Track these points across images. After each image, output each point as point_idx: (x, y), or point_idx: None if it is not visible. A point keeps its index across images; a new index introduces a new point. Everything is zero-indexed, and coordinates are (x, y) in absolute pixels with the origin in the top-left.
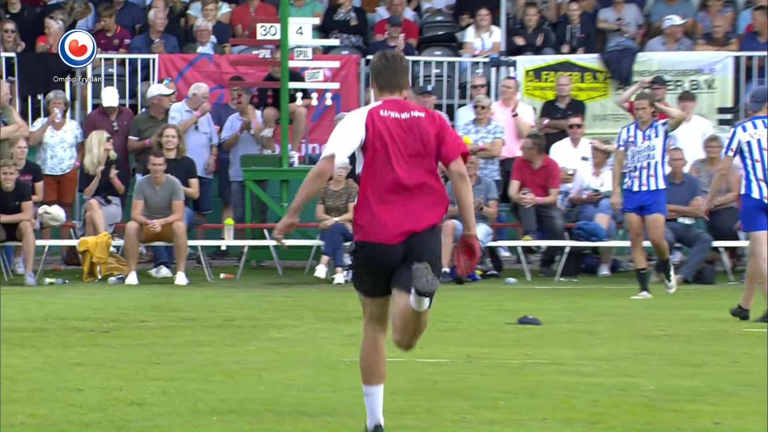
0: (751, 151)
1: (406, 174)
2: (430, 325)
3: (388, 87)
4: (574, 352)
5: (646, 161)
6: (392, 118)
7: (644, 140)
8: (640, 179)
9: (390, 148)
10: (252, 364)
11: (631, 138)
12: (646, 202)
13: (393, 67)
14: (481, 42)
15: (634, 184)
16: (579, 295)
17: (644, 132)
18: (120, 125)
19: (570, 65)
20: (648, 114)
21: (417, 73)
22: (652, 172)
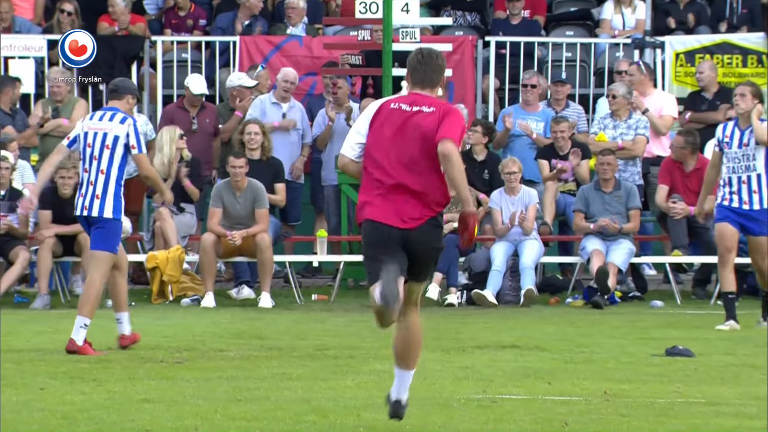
0: None
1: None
2: (560, 357)
3: (421, 83)
4: (734, 390)
5: (745, 173)
6: (399, 110)
7: (742, 144)
8: (740, 195)
9: (383, 143)
10: (349, 401)
11: (727, 138)
12: (746, 222)
13: (428, 64)
14: (622, 20)
15: (734, 200)
16: (740, 321)
17: (743, 132)
18: (201, 123)
19: (729, 46)
20: (749, 105)
21: (545, 58)
22: (755, 187)
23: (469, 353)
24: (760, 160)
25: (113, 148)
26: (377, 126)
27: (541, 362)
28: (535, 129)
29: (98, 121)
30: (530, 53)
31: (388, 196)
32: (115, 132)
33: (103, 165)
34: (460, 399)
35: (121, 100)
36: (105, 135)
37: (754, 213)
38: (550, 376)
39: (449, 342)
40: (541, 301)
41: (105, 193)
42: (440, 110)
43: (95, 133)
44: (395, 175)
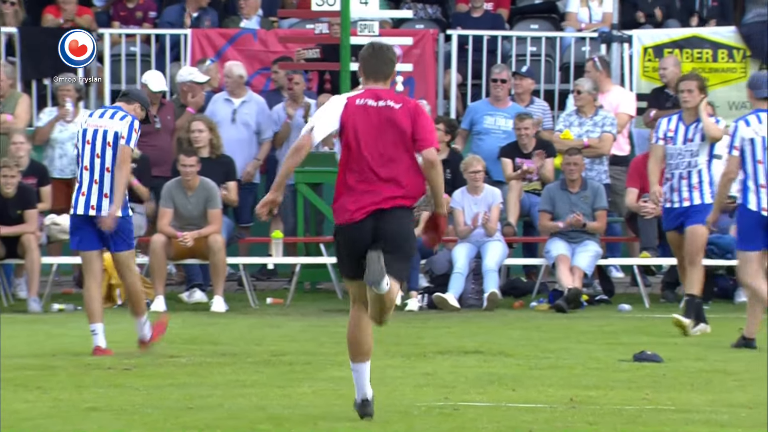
0: (754, 151)
1: (378, 163)
2: (525, 363)
3: (374, 76)
4: (704, 397)
5: (687, 169)
6: (368, 106)
7: (687, 140)
8: (680, 192)
9: (363, 138)
10: (306, 409)
11: (671, 132)
12: (686, 219)
13: (379, 57)
14: (588, 13)
15: (674, 199)
16: (711, 325)
17: (688, 127)
18: (163, 121)
19: (699, 40)
20: (695, 100)
21: (509, 52)
22: (695, 183)
23: (431, 359)
24: (702, 156)
25: (115, 145)
26: (349, 123)
27: (505, 368)
28: (503, 126)
29: (99, 118)
30: (494, 47)
31: (365, 193)
32: (116, 128)
33: (108, 163)
34: (421, 406)
35: (129, 105)
36: (105, 132)
37: (694, 208)
38: (515, 382)
39: (410, 347)
40: (505, 304)
41: (112, 192)
42: (408, 107)
43: (95, 131)
44: (373, 170)
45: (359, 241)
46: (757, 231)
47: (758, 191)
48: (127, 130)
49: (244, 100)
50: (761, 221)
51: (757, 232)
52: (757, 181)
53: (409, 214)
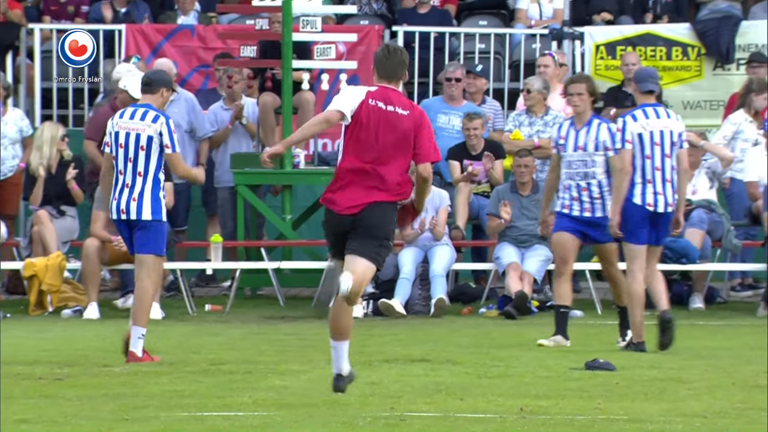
0: (642, 146)
1: (375, 163)
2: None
3: (386, 77)
4: (658, 406)
5: (584, 180)
6: (378, 108)
7: (577, 147)
8: (581, 202)
9: (366, 137)
10: (246, 420)
11: (562, 139)
12: (588, 230)
13: (393, 59)
14: (538, 9)
15: (574, 207)
16: None
17: (578, 132)
18: None
19: (653, 38)
20: (586, 105)
21: (456, 49)
22: (596, 194)
23: (376, 368)
24: (599, 166)
25: (148, 149)
26: (358, 118)
27: (453, 377)
28: (457, 125)
29: (129, 119)
30: (441, 44)
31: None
32: (149, 132)
33: (140, 167)
34: (366, 417)
35: (154, 94)
36: (138, 135)
37: (596, 219)
38: (463, 391)
39: (354, 356)
40: (453, 311)
41: (142, 195)
42: (413, 115)
43: (128, 133)
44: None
45: (342, 226)
46: (642, 225)
47: (644, 186)
48: (168, 137)
49: (173, 99)
50: (646, 215)
51: (642, 226)
52: (644, 176)
53: (390, 207)
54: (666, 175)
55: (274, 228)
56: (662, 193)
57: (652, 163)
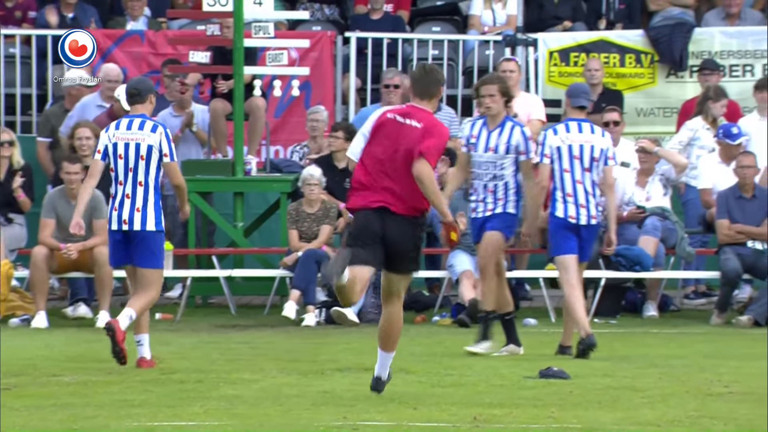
0: (560, 160)
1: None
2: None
3: (420, 94)
4: (612, 415)
5: (492, 181)
6: (395, 121)
7: (488, 148)
8: (485, 202)
9: (381, 149)
10: (197, 430)
11: (473, 138)
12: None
13: (429, 78)
14: (492, 15)
15: (479, 208)
16: (619, 340)
17: (490, 133)
18: None
19: (607, 44)
20: (498, 106)
21: (410, 55)
22: (500, 195)
23: (329, 376)
24: (508, 168)
25: (148, 158)
26: (375, 133)
27: (406, 386)
28: None
29: (126, 130)
30: (394, 51)
31: (374, 193)
32: (149, 141)
33: (141, 177)
34: (318, 426)
35: (144, 103)
36: (138, 145)
37: (494, 215)
38: (416, 400)
39: (307, 364)
40: (407, 319)
41: (146, 206)
42: (424, 126)
43: (127, 144)
44: (382, 181)
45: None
46: (566, 234)
47: (565, 200)
48: (167, 146)
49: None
50: (570, 227)
51: (567, 235)
52: (565, 190)
53: (412, 225)
54: (587, 188)
55: (225, 235)
56: (584, 205)
57: (572, 176)
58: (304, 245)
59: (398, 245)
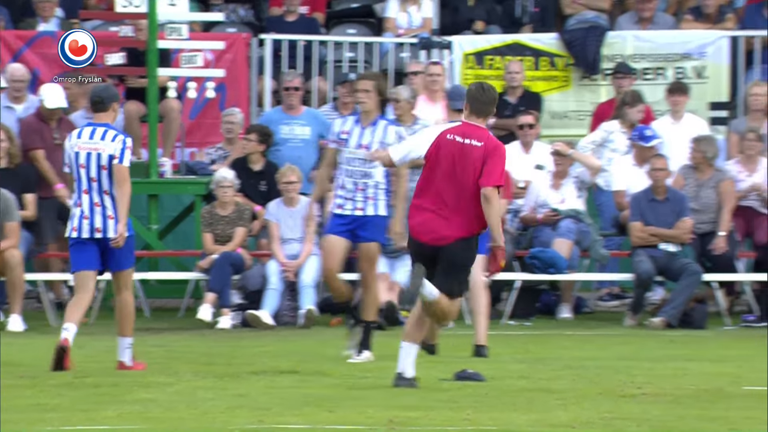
0: None
1: (450, 194)
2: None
3: (476, 113)
4: (527, 417)
5: (363, 179)
6: (455, 142)
7: (361, 145)
8: (354, 201)
9: (442, 169)
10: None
11: (344, 134)
12: (358, 228)
13: (486, 97)
14: (407, 18)
15: (346, 206)
16: (533, 342)
17: (364, 130)
18: (62, 137)
19: (521, 47)
20: (372, 102)
21: (324, 57)
22: (371, 194)
23: (244, 379)
24: (379, 166)
25: (110, 168)
26: (434, 153)
27: (322, 388)
28: (300, 134)
29: (89, 139)
30: (310, 53)
31: (433, 216)
32: (109, 151)
33: (105, 186)
34: (233, 430)
35: (107, 111)
36: (99, 155)
37: (367, 219)
38: (332, 403)
39: (222, 367)
40: (322, 321)
41: (116, 213)
42: (486, 146)
43: (88, 154)
44: (443, 200)
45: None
46: None
47: None
48: (120, 151)
49: (27, 106)
50: None
51: None
52: None
53: (466, 242)
54: None
55: (139, 238)
56: None
57: None
58: (218, 248)
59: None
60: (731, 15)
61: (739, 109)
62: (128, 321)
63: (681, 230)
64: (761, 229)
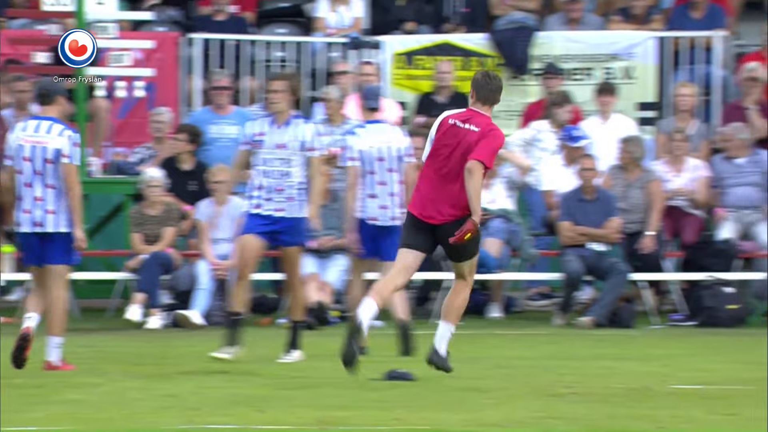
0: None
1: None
2: (272, 383)
3: (482, 100)
4: (458, 416)
5: (281, 179)
6: (455, 126)
7: (277, 145)
8: (271, 201)
9: (441, 153)
10: None
11: (259, 136)
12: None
13: (493, 85)
14: (337, 18)
15: (265, 207)
16: (464, 342)
17: (278, 129)
18: None
19: (451, 48)
20: (285, 102)
21: (254, 57)
22: (293, 195)
23: (174, 380)
24: (297, 166)
25: (55, 162)
26: (438, 137)
27: (252, 388)
28: (229, 134)
29: (34, 132)
30: (239, 52)
31: (431, 201)
32: (55, 145)
33: (49, 180)
34: (163, 430)
35: (53, 105)
36: (45, 149)
37: (288, 221)
38: (262, 403)
39: (151, 368)
40: (252, 321)
41: (58, 208)
42: (482, 130)
43: (33, 147)
44: (440, 181)
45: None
46: (365, 238)
47: (368, 200)
48: (68, 148)
49: None
50: (370, 229)
51: (366, 239)
52: (368, 191)
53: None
54: (391, 189)
55: None
56: (387, 207)
57: (376, 178)
58: (148, 248)
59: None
60: (659, 16)
61: (666, 110)
62: (58, 319)
63: (609, 230)
64: (688, 228)
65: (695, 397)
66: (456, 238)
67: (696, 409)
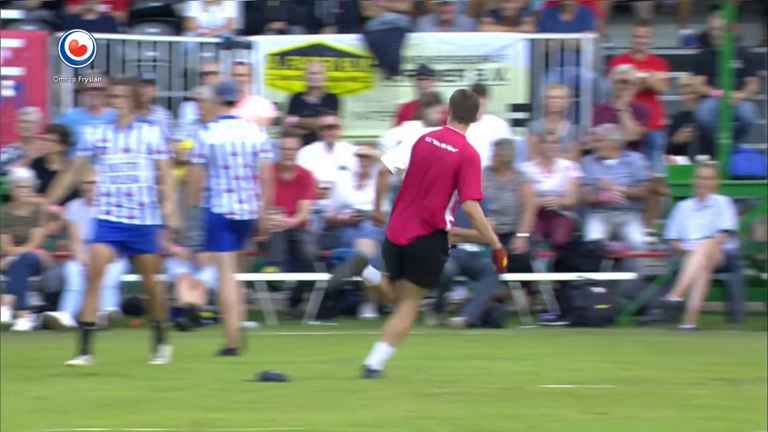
0: (216, 157)
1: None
2: (145, 384)
3: (459, 118)
4: (331, 416)
5: (129, 183)
6: (432, 145)
7: (124, 149)
8: (124, 208)
9: (416, 171)
10: None
11: (102, 143)
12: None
13: (469, 103)
14: (209, 17)
15: (115, 213)
16: (337, 342)
17: (122, 133)
18: None
19: (324, 48)
20: (129, 106)
21: (125, 57)
22: (144, 200)
23: (43, 381)
24: (145, 169)
25: None
26: (414, 157)
27: (124, 390)
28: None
29: None
30: (109, 52)
31: (406, 221)
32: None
33: None
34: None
35: None
36: None
37: (140, 229)
38: (134, 405)
39: (20, 370)
40: (124, 323)
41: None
42: (462, 153)
43: None
44: (415, 200)
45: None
46: (223, 233)
47: (225, 195)
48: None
49: None
50: (227, 223)
51: (223, 233)
52: (224, 186)
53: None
54: (247, 184)
55: None
56: (244, 201)
57: (231, 172)
58: (16, 249)
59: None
60: (529, 18)
61: (537, 111)
62: None
63: None
64: (559, 229)
65: (566, 396)
66: (500, 270)
67: (567, 409)
